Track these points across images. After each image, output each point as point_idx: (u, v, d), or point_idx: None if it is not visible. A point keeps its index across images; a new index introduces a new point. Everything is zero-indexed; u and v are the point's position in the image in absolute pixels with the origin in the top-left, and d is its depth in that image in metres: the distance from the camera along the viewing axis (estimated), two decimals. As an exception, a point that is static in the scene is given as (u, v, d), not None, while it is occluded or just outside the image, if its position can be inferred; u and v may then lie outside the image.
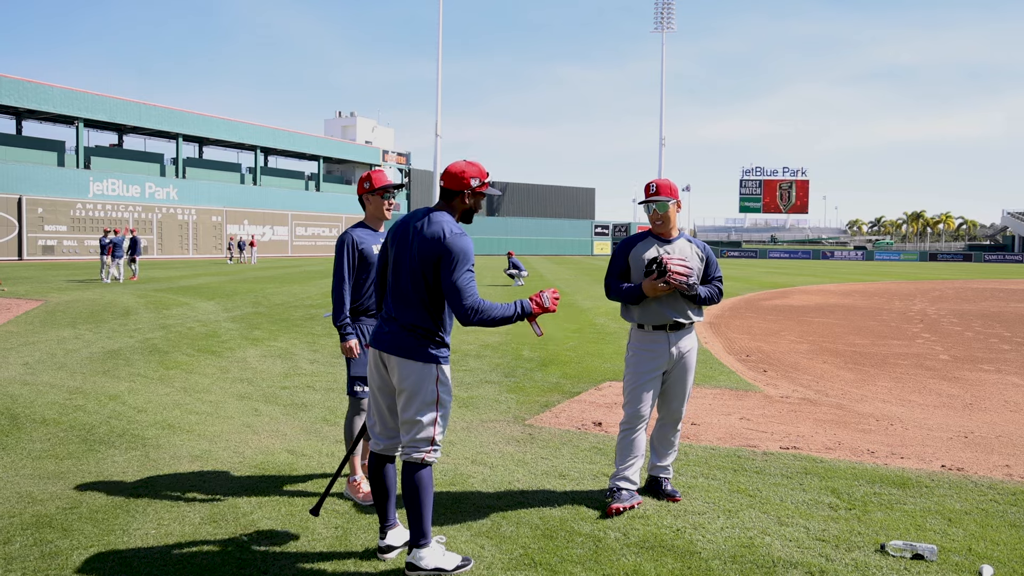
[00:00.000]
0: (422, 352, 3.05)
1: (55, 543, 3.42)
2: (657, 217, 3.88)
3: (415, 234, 3.05)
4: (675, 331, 3.89)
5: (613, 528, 3.57)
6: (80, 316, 12.67)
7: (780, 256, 72.92)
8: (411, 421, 3.09)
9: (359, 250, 3.96)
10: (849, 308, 16.10)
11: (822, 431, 5.39)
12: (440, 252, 2.96)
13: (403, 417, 3.11)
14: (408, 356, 3.04)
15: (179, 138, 49.75)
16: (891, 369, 8.18)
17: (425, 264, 2.99)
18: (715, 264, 3.99)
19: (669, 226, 3.90)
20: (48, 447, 4.97)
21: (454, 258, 2.94)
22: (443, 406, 3.11)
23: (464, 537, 3.46)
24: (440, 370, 3.08)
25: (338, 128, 71.68)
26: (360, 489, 4.02)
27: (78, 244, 41.11)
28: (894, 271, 40.59)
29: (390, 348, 3.07)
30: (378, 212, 4.05)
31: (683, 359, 3.94)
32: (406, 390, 3.07)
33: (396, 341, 3.06)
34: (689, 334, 3.97)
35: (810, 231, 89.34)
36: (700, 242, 4.04)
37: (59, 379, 7.27)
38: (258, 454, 4.85)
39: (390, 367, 3.11)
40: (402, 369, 3.06)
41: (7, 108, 41.74)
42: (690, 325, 3.95)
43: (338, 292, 3.95)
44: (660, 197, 3.84)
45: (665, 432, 4.09)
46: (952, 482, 4.24)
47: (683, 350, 3.92)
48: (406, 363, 3.05)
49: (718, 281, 3.97)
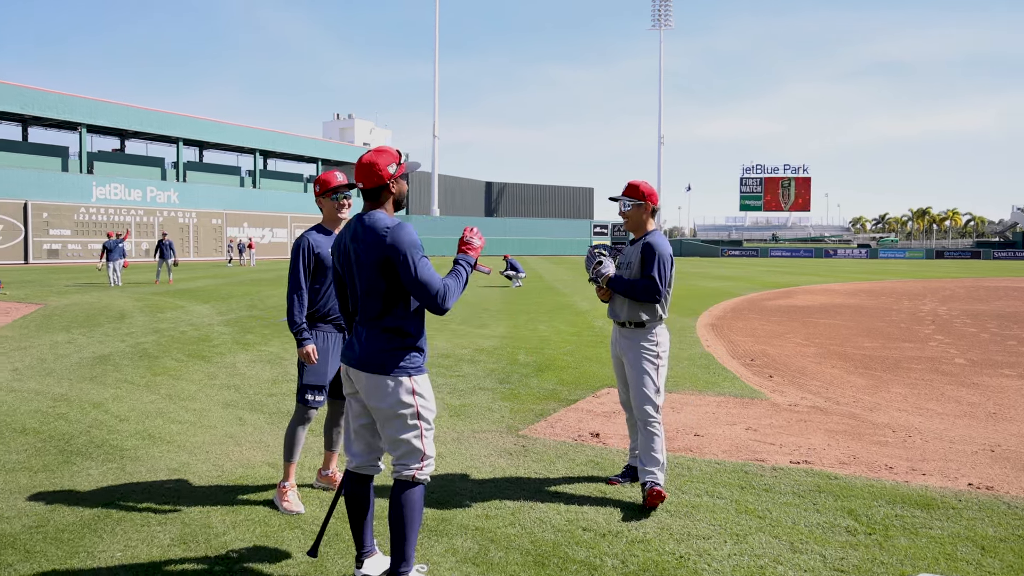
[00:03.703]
0: (392, 366, 2.82)
1: (15, 567, 3.20)
2: (622, 216, 4.18)
3: (354, 243, 2.87)
4: (620, 327, 4.16)
5: (610, 554, 3.30)
6: (76, 320, 12.47)
7: (782, 255, 72.37)
8: (394, 440, 2.86)
9: (315, 254, 3.87)
10: (856, 308, 15.77)
11: (835, 443, 5.10)
12: (386, 253, 2.77)
13: (385, 437, 2.90)
14: (378, 372, 2.82)
15: (179, 142, 49.74)
16: (905, 374, 7.87)
17: (374, 269, 2.80)
18: (651, 264, 3.98)
19: (630, 226, 4.17)
20: (24, 459, 4.74)
21: (403, 253, 2.75)
22: (425, 419, 2.88)
23: (449, 564, 3.20)
24: (415, 382, 2.85)
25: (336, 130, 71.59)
26: (285, 498, 3.86)
27: (82, 248, 41.11)
28: (900, 269, 40.09)
29: (358, 364, 2.86)
30: (332, 214, 4.00)
31: (625, 356, 4.10)
32: (381, 409, 2.84)
33: (365, 356, 2.85)
34: (631, 336, 4.07)
35: (812, 229, 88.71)
36: (657, 243, 4.05)
37: (46, 386, 7.05)
38: (238, 467, 4.60)
39: (360, 384, 2.89)
40: (374, 387, 2.84)
41: (13, 115, 41.92)
42: (634, 326, 4.06)
43: (292, 297, 3.83)
44: (620, 196, 4.15)
45: (636, 424, 4.15)
46: (982, 503, 3.90)
47: (623, 348, 4.12)
48: (376, 380, 2.82)
49: (647, 279, 3.99)
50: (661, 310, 4.08)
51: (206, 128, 51.30)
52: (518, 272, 22.54)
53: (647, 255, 4.01)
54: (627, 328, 4.09)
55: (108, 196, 43.39)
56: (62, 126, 44.77)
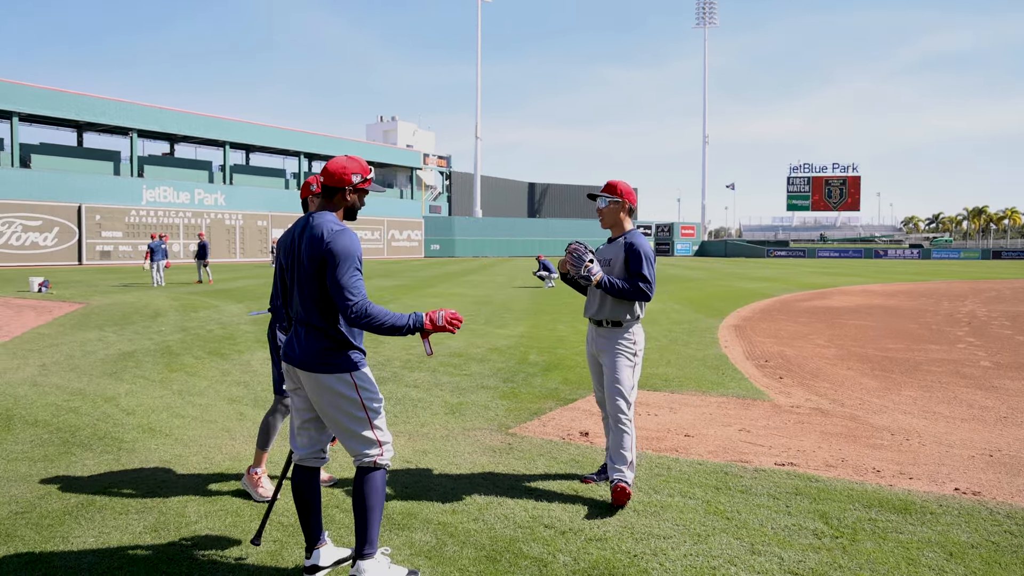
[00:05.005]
0: (332, 363, 2.89)
1: (-7, 549, 3.36)
2: (599, 212, 4.21)
3: (300, 240, 2.93)
4: (596, 326, 4.14)
5: (565, 551, 3.29)
6: (111, 319, 12.94)
7: (829, 255, 70.38)
8: (346, 434, 2.95)
9: None
10: (890, 309, 15.27)
11: (826, 445, 4.96)
12: (323, 253, 2.83)
13: (337, 432, 2.98)
14: (319, 370, 2.89)
15: (226, 146, 51.15)
16: (922, 377, 7.60)
17: (312, 268, 2.86)
18: (639, 263, 3.98)
19: (607, 223, 4.20)
20: (27, 449, 4.96)
21: (336, 257, 2.81)
22: (371, 409, 2.95)
23: (402, 556, 3.24)
24: (355, 376, 2.92)
25: (380, 133, 72.51)
26: (260, 484, 4.00)
27: (132, 249, 42.59)
28: (951, 270, 38.57)
29: (299, 363, 2.94)
30: None
31: (603, 354, 4.08)
32: (326, 406, 2.91)
33: (305, 355, 2.92)
34: (608, 335, 4.05)
35: (862, 229, 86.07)
36: (641, 243, 4.06)
37: (67, 380, 7.35)
38: (227, 460, 4.73)
39: (303, 381, 2.97)
40: (316, 385, 2.92)
41: (70, 122, 43.80)
42: (611, 325, 4.05)
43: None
44: (599, 193, 4.17)
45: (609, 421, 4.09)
46: (963, 508, 3.76)
47: (599, 346, 4.10)
48: (317, 378, 2.90)
49: (639, 279, 3.98)
50: (640, 309, 4.08)
51: (252, 132, 52.69)
52: (550, 273, 22.48)
53: (632, 255, 4.01)
54: (604, 327, 4.08)
55: (157, 199, 44.89)
56: (115, 131, 46.52)
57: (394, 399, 6.48)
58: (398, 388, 6.95)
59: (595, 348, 4.16)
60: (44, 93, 40.94)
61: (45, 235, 39.18)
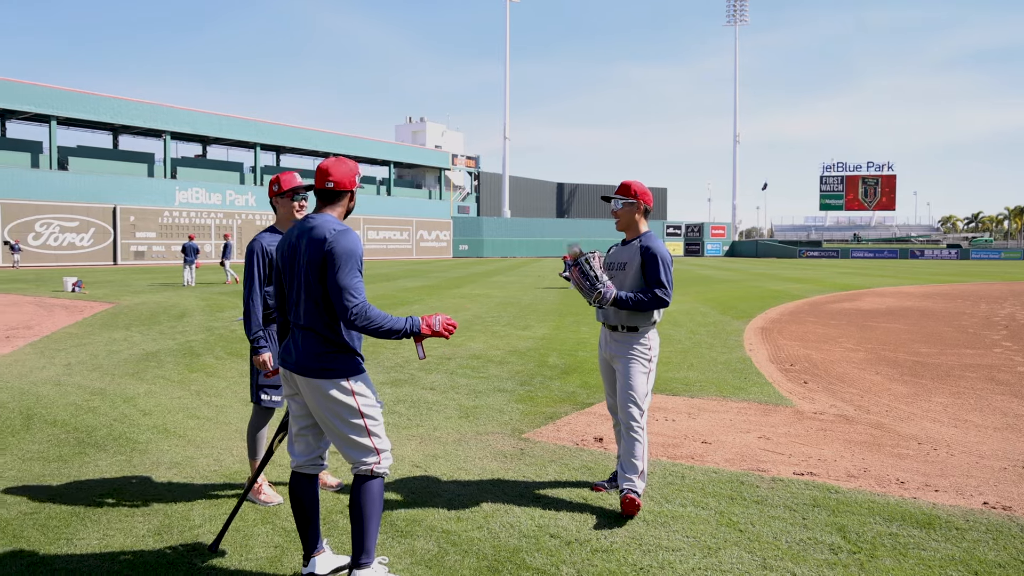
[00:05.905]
0: (330, 367, 2.84)
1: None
2: (614, 215, 4.08)
3: (302, 241, 2.88)
4: (611, 331, 4.02)
5: (569, 563, 3.19)
6: (139, 319, 13.14)
7: (863, 256, 68.91)
8: (343, 440, 2.89)
9: (270, 257, 3.87)
10: (924, 312, 14.83)
11: (849, 454, 4.78)
12: (325, 255, 2.78)
13: (335, 438, 2.93)
14: (316, 376, 2.84)
15: (257, 147, 51.95)
16: (954, 383, 7.32)
17: (314, 270, 2.82)
18: (657, 269, 3.84)
19: (622, 225, 4.06)
20: (43, 449, 5.01)
21: (338, 258, 2.77)
22: (369, 416, 2.89)
23: (403, 565, 3.18)
24: (352, 383, 2.86)
25: (408, 133, 72.93)
26: (261, 491, 3.95)
27: (165, 249, 43.47)
28: (990, 271, 37.44)
29: (296, 368, 2.89)
30: (289, 215, 3.99)
31: (616, 359, 3.97)
32: (323, 413, 2.87)
33: (301, 360, 2.88)
34: (624, 340, 3.94)
35: (898, 229, 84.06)
36: (658, 247, 3.92)
37: (90, 380, 7.45)
38: (236, 462, 4.71)
39: (300, 387, 2.92)
40: (313, 391, 2.87)
41: (105, 124, 44.90)
42: (626, 330, 3.93)
43: (248, 303, 3.85)
44: (612, 195, 4.03)
45: (621, 428, 3.98)
46: (992, 524, 3.57)
47: (613, 351, 3.99)
48: (315, 383, 2.85)
49: (657, 287, 3.82)
50: (657, 314, 3.96)
51: (282, 133, 53.44)
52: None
53: (649, 260, 3.89)
54: (619, 332, 3.97)
55: (190, 200, 45.74)
56: (149, 133, 47.52)
57: (409, 401, 6.43)
58: (414, 390, 6.91)
59: (608, 352, 4.05)
60: (81, 97, 41.98)
61: (81, 236, 40.16)
